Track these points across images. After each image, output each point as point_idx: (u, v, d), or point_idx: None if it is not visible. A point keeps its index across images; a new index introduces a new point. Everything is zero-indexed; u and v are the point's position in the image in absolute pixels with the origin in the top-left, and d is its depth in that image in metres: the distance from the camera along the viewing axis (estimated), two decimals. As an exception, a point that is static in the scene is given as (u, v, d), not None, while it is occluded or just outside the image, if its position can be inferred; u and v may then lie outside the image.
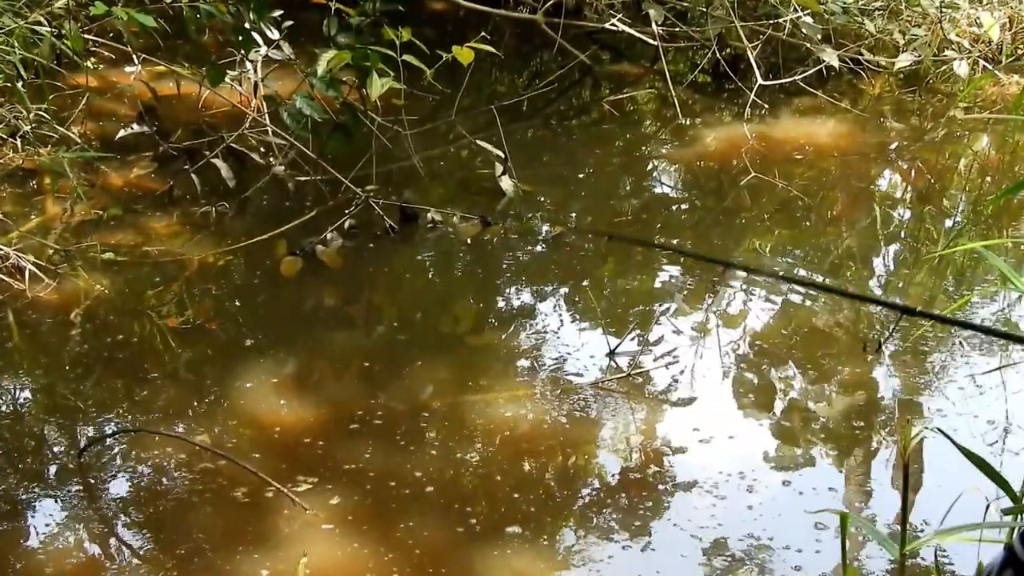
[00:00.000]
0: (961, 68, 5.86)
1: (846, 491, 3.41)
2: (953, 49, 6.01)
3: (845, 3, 5.91)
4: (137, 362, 3.76)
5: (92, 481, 3.27)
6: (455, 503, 3.19)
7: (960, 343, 4.01)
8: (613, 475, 3.37)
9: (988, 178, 5.27)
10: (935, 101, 5.77)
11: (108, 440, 3.40)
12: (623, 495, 3.28)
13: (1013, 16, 6.24)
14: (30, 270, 4.02)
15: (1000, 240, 4.54)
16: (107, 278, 4.11)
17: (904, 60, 5.92)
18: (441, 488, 3.24)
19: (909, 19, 6.14)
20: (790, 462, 3.45)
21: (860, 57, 5.98)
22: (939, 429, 2.74)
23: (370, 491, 3.21)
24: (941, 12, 6.12)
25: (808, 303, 4.31)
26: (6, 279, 3.99)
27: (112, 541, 3.08)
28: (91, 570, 2.96)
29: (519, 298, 4.31)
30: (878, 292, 4.45)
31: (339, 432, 3.44)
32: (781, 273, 4.42)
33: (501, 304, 4.27)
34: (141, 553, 3.03)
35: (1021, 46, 6.16)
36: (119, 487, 3.26)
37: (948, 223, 4.97)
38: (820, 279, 4.51)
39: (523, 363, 3.86)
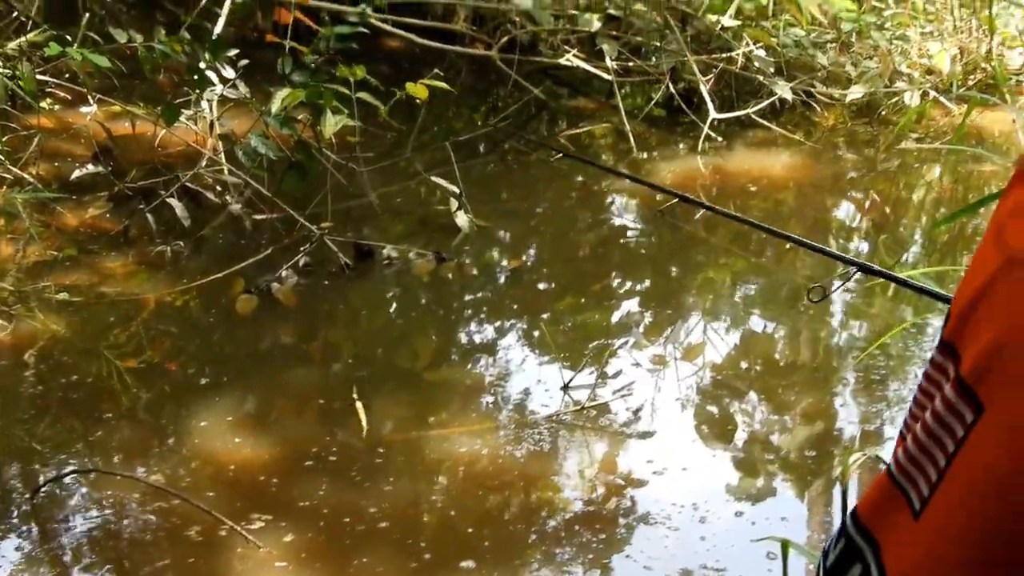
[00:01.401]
0: (912, 99, 5.92)
1: (799, 520, 3.44)
2: (904, 80, 6.08)
3: (797, 36, 5.98)
4: (93, 402, 3.75)
5: (45, 522, 3.26)
6: (410, 539, 3.19)
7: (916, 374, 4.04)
8: (568, 508, 3.38)
9: (942, 209, 5.32)
10: (887, 132, 5.83)
11: (63, 480, 3.39)
12: (578, 528, 3.29)
13: (963, 47, 6.32)
14: (-16, 311, 4.02)
15: (945, 267, 4.59)
16: (62, 318, 4.10)
17: (856, 92, 5.98)
18: (396, 524, 3.24)
19: (860, 51, 6.21)
20: (743, 493, 3.47)
21: (813, 89, 6.03)
22: (878, 456, 2.77)
23: (324, 528, 3.21)
24: (892, 44, 6.20)
25: (766, 333, 4.35)
26: (-41, 321, 3.99)
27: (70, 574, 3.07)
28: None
29: (476, 333, 4.32)
30: (835, 322, 4.49)
31: (294, 469, 3.43)
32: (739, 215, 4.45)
33: (458, 339, 4.28)
34: (94, 593, 3.03)
35: (971, 77, 6.23)
36: (73, 528, 3.24)
37: (904, 255, 5.01)
38: (775, 325, 4.54)
39: (480, 398, 3.87)
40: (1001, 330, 0.56)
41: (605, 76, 5.71)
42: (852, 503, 3.18)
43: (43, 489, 3.34)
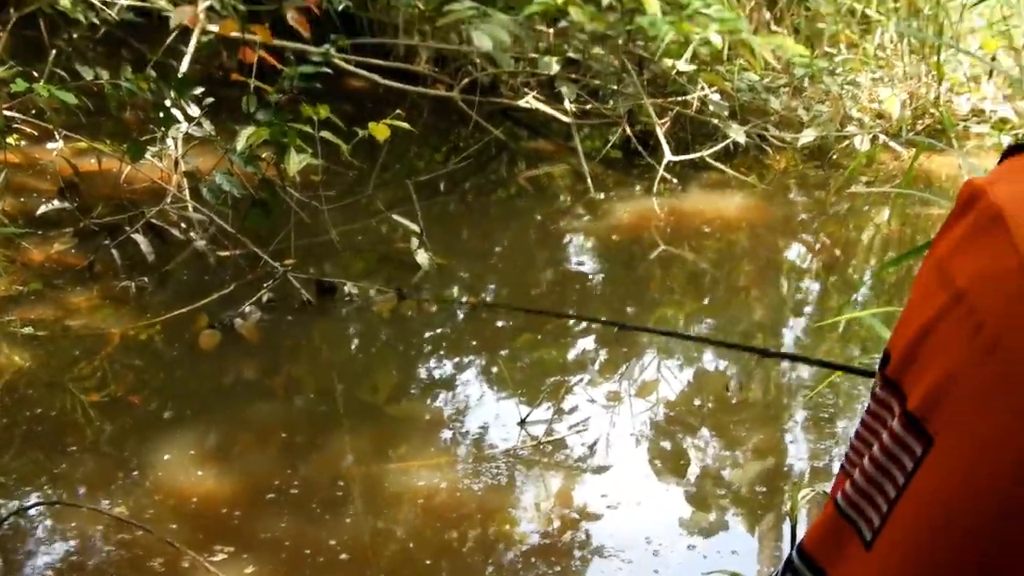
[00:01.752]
0: (862, 143, 5.97)
1: (749, 553, 3.49)
2: (855, 125, 6.13)
3: (751, 81, 6.01)
4: (57, 435, 3.75)
5: (9, 554, 3.27)
6: (369, 571, 3.23)
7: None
8: (524, 541, 3.41)
9: (890, 251, 5.37)
10: (838, 175, 5.84)
11: (27, 513, 3.40)
12: (534, 560, 3.33)
13: (912, 93, 6.38)
14: (-51, 345, 4.04)
15: (893, 308, 4.64)
16: (27, 352, 4.10)
17: (808, 136, 6.01)
18: (356, 555, 3.27)
19: (812, 96, 6.24)
20: (695, 526, 3.51)
21: (766, 133, 6.07)
22: (826, 491, 2.79)
23: (285, 560, 3.23)
24: (843, 89, 6.25)
25: (718, 371, 4.39)
26: (-75, 354, 4.00)
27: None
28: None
29: (435, 369, 4.34)
30: (781, 370, 4.53)
31: (256, 502, 3.46)
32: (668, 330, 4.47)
33: (417, 375, 4.30)
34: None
35: (920, 121, 6.29)
36: (36, 559, 3.25)
37: (853, 295, 5.06)
38: (728, 363, 4.58)
39: (439, 433, 3.90)
40: (951, 366, 0.56)
41: (564, 118, 5.74)
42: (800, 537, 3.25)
43: (7, 521, 3.35)
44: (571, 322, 4.66)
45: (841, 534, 0.62)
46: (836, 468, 3.78)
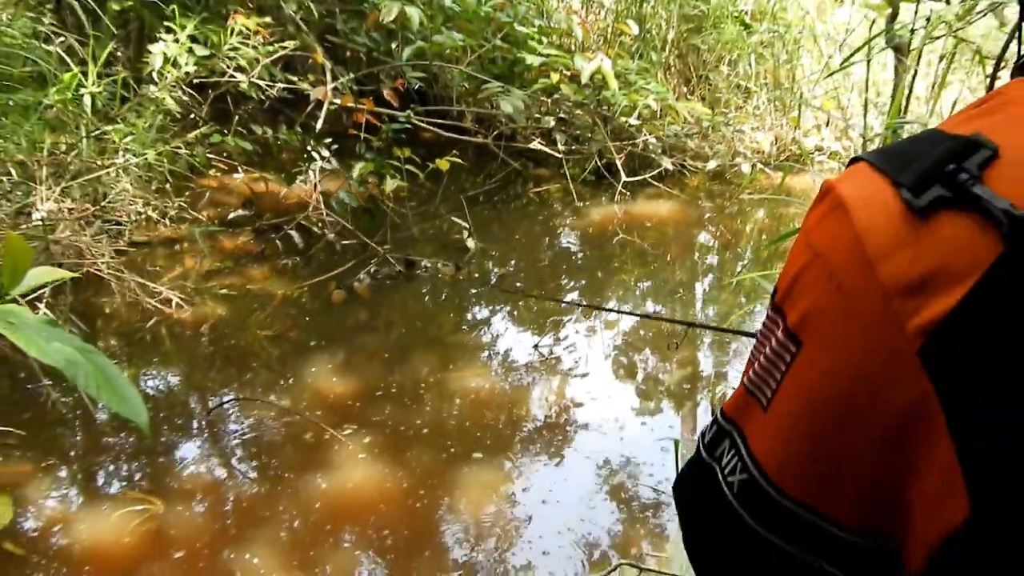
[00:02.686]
0: (745, 168, 5.96)
1: (681, 427, 3.47)
2: (741, 157, 6.11)
3: (675, 130, 6.00)
4: (244, 356, 3.78)
5: (215, 430, 3.28)
6: (441, 439, 3.23)
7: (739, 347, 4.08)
8: (538, 421, 3.41)
9: (764, 235, 5.35)
10: (732, 189, 5.84)
11: (224, 405, 3.42)
12: (544, 433, 3.33)
13: (777, 135, 6.36)
14: (175, 301, 4.03)
15: (774, 271, 4.61)
16: (224, 305, 4.11)
17: (711, 164, 5.98)
18: (432, 430, 3.28)
19: (714, 139, 6.22)
20: (646, 411, 3.51)
21: (685, 163, 6.04)
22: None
23: (388, 433, 3.24)
24: (733, 134, 6.24)
25: (657, 312, 4.37)
26: (160, 307, 4.00)
27: (232, 465, 3.10)
28: (216, 486, 2.97)
29: (478, 313, 4.34)
30: (698, 307, 4.52)
31: (369, 397, 3.47)
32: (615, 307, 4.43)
33: (467, 317, 4.30)
34: (245, 473, 3.05)
35: (783, 154, 6.27)
36: (232, 434, 3.27)
37: (740, 263, 5.04)
38: (660, 304, 4.56)
39: (481, 353, 3.90)
40: (814, 299, 0.57)
41: (557, 155, 5.73)
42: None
43: (213, 410, 3.37)
44: (564, 282, 4.65)
45: (748, 402, 0.62)
46: (731, 375, 3.77)
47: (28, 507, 2.83)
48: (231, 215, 4.97)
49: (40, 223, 4.04)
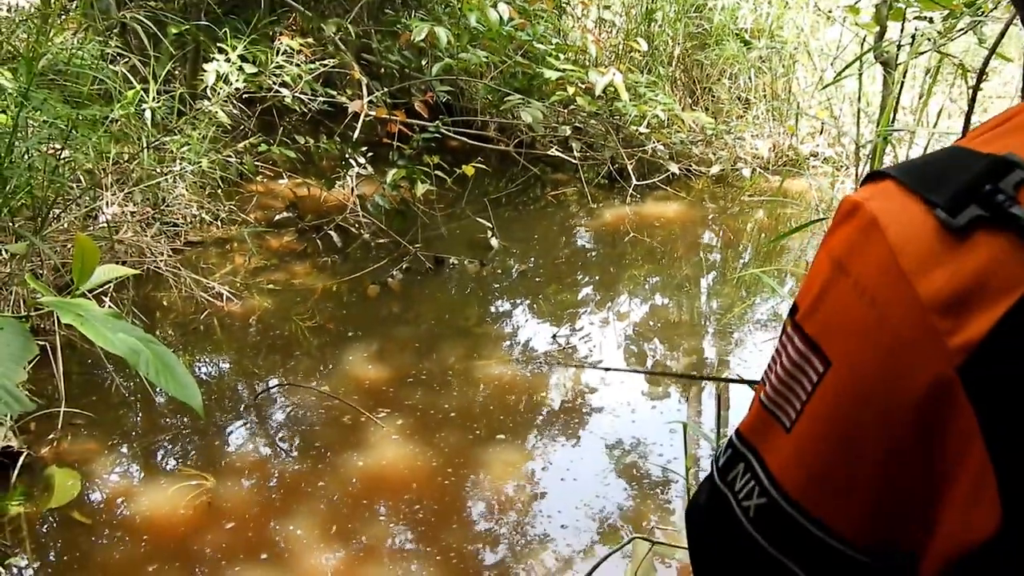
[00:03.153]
0: (746, 172, 5.92)
1: (685, 410, 3.45)
2: (742, 162, 6.06)
3: (682, 138, 5.97)
4: (288, 345, 3.79)
5: (263, 413, 3.30)
6: (468, 422, 3.23)
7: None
8: (555, 404, 3.41)
9: (763, 234, 5.32)
10: (734, 191, 5.80)
11: (270, 390, 3.43)
12: (562, 416, 3.32)
13: (775, 143, 6.31)
14: (226, 295, 4.05)
15: (773, 267, 4.58)
16: (270, 298, 4.12)
17: (715, 169, 5.94)
18: (460, 414, 3.27)
19: (718, 146, 6.18)
20: (656, 395, 3.49)
21: (690, 167, 6.00)
22: (746, 380, 2.75)
23: (419, 416, 3.24)
24: (734, 141, 6.19)
25: (664, 306, 4.35)
26: (213, 300, 4.02)
27: (276, 444, 3.11)
28: (262, 463, 2.99)
29: (501, 306, 4.34)
30: (704, 299, 4.49)
31: (402, 383, 3.47)
32: (622, 367, 4.40)
33: (491, 310, 4.29)
34: (289, 452, 3.06)
35: (780, 159, 6.22)
36: (278, 415, 3.29)
37: (742, 260, 5.01)
38: (671, 300, 4.53)
39: (505, 343, 3.89)
40: (840, 316, 0.53)
41: (573, 160, 5.71)
42: (722, 409, 3.19)
43: (260, 394, 3.39)
44: (579, 277, 4.63)
45: (767, 423, 0.57)
46: (733, 363, 3.74)
47: (95, 480, 2.86)
48: (276, 217, 4.98)
49: (106, 225, 4.07)
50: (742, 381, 2.70)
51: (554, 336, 3.89)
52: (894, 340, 0.50)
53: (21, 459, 2.82)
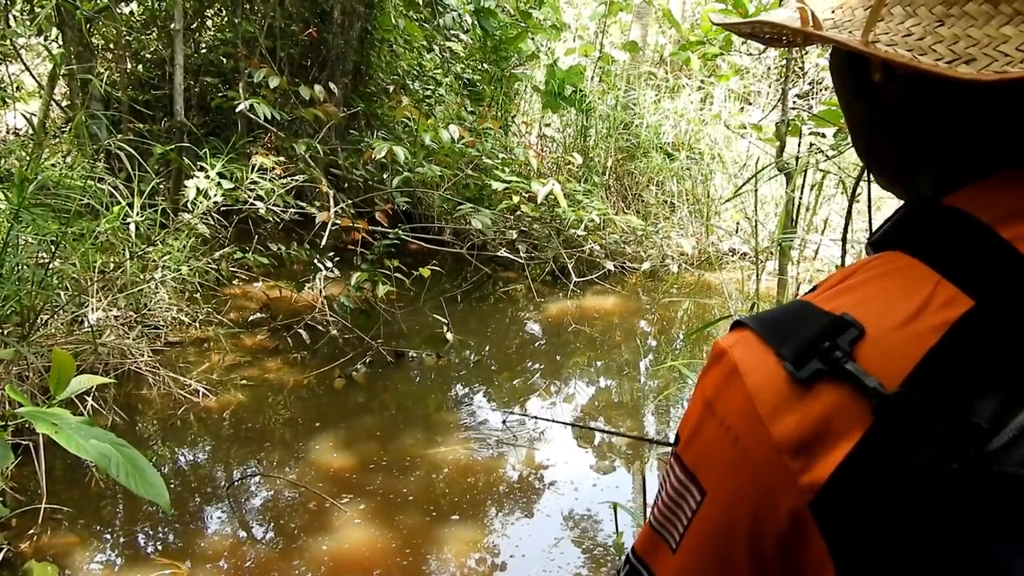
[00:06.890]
0: (674, 268, 6.05)
1: (625, 487, 3.42)
2: (669, 259, 6.21)
3: (616, 239, 6.10)
4: (260, 437, 3.71)
5: (237, 499, 3.21)
6: (425, 504, 3.17)
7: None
8: (506, 484, 3.36)
9: (691, 322, 5.39)
10: (663, 285, 5.92)
11: (244, 479, 3.35)
12: (512, 494, 3.28)
13: (698, 241, 6.48)
14: (202, 391, 3.98)
15: (700, 352, 4.63)
16: (244, 393, 4.06)
17: (646, 265, 6.06)
18: (418, 497, 3.21)
19: (648, 244, 6.33)
20: (598, 470, 3.47)
21: (624, 264, 6.12)
22: (659, 455, 2.76)
23: (380, 500, 3.18)
24: (662, 241, 6.35)
25: (607, 388, 4.37)
26: (190, 396, 3.94)
27: (248, 529, 3.02)
28: (235, 548, 2.89)
29: (458, 394, 4.31)
30: (641, 381, 4.51)
31: (364, 469, 3.41)
32: (565, 420, 4.41)
33: (448, 398, 4.26)
34: (260, 538, 2.97)
35: (702, 256, 6.37)
36: (251, 504, 3.20)
37: (673, 345, 5.07)
38: (612, 383, 4.56)
39: (460, 428, 3.85)
40: (713, 450, 0.54)
41: (520, 260, 5.80)
42: (643, 487, 3.18)
43: (233, 484, 3.30)
44: (529, 366, 4.64)
45: (656, 543, 0.59)
46: (670, 435, 3.75)
47: (74, 573, 2.73)
48: (251, 317, 4.94)
49: (90, 329, 4.00)
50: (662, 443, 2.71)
51: (504, 422, 3.87)
52: (756, 475, 0.52)
53: (1, 555, 2.70)
